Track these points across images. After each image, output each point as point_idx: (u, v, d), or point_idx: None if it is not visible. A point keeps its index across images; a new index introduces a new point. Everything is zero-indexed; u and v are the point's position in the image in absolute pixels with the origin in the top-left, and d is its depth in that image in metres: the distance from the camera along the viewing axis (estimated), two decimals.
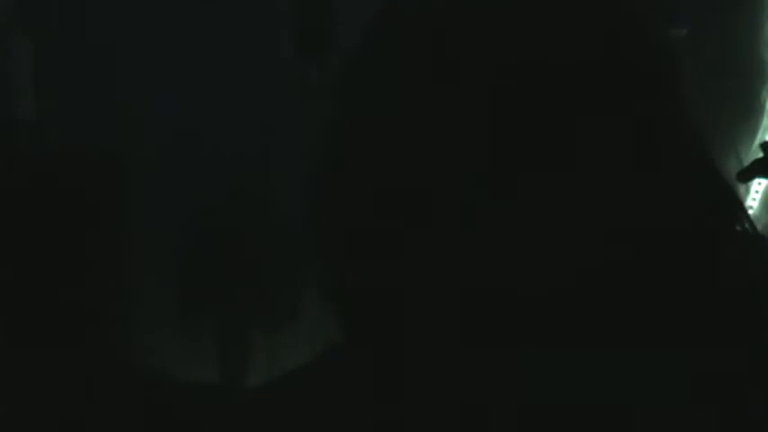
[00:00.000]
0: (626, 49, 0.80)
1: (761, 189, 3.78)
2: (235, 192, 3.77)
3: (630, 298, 0.78)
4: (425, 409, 0.76)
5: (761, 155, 2.35)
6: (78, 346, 2.56)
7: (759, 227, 0.85)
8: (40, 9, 3.29)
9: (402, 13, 0.84)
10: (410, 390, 0.76)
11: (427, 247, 0.77)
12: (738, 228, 0.83)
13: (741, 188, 3.18)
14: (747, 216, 0.84)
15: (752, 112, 3.75)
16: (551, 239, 0.77)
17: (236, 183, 3.75)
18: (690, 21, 3.41)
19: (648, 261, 0.78)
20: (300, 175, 3.75)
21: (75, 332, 2.67)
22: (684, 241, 0.79)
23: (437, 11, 0.81)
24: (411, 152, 0.78)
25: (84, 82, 3.43)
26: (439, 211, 0.77)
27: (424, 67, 0.80)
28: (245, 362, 3.78)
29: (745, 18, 3.72)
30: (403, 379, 0.77)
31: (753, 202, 3.78)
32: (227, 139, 3.71)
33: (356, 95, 0.84)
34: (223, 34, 3.58)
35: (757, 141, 3.69)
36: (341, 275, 0.83)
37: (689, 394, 0.77)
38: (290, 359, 3.50)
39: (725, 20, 3.66)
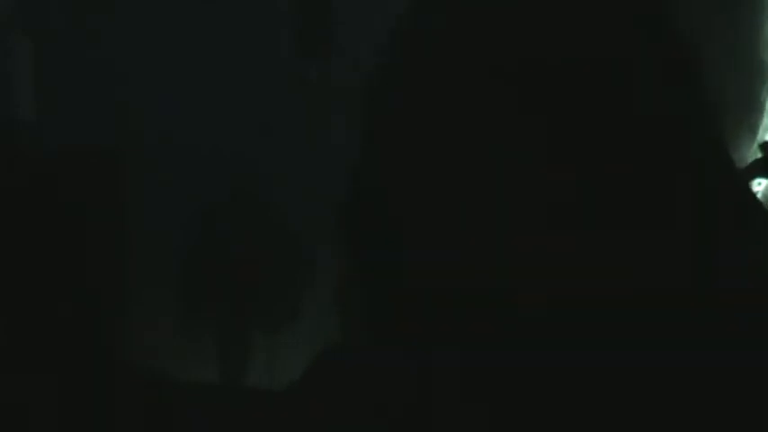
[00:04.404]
0: (649, 43, 0.80)
1: (761, 189, 3.78)
2: (235, 192, 3.77)
3: (647, 300, 0.78)
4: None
5: (761, 155, 2.35)
6: (78, 345, 2.56)
7: None
8: (40, 9, 3.29)
9: (435, 17, 0.84)
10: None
11: (464, 247, 0.78)
12: (749, 227, 0.83)
13: None
14: (763, 213, 0.83)
15: (752, 112, 3.75)
16: (579, 238, 0.77)
17: (236, 183, 3.76)
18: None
19: (664, 263, 0.78)
20: (300, 176, 3.76)
21: (75, 332, 2.67)
22: (701, 243, 0.79)
23: (463, 17, 0.81)
24: (450, 153, 0.79)
25: (84, 82, 3.44)
26: (472, 209, 0.78)
27: (458, 71, 0.80)
28: (245, 362, 3.79)
29: (745, 18, 3.72)
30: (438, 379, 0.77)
31: None
32: (228, 139, 3.71)
33: (393, 99, 0.84)
34: (223, 35, 3.59)
35: (757, 141, 3.69)
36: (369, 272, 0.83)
37: (708, 400, 0.77)
38: (290, 359, 3.50)
39: (725, 20, 3.67)
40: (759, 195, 3.81)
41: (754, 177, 2.56)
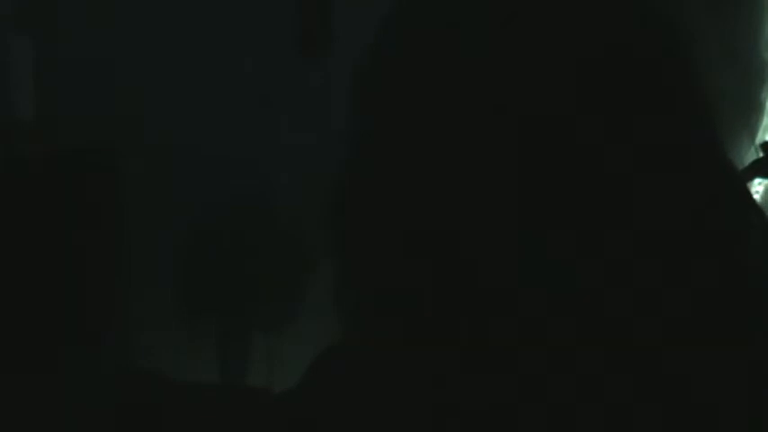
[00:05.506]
0: (639, 41, 0.80)
1: (761, 189, 3.77)
2: (235, 192, 3.77)
3: (646, 297, 0.78)
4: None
5: (761, 155, 2.35)
6: (78, 345, 2.56)
7: None
8: (40, 9, 3.29)
9: (423, 19, 0.83)
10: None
11: (456, 250, 0.77)
12: (748, 227, 0.83)
13: None
14: (760, 213, 0.83)
15: (751, 112, 3.75)
16: (576, 232, 0.77)
17: (237, 183, 3.75)
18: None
19: (664, 259, 0.78)
20: (301, 176, 3.75)
21: (75, 332, 2.66)
22: (697, 241, 0.79)
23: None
24: (445, 161, 0.78)
25: (84, 82, 3.43)
26: (466, 215, 0.77)
27: (451, 70, 0.80)
28: (245, 362, 3.79)
29: (745, 18, 3.71)
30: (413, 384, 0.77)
31: None
32: (228, 139, 3.71)
33: (388, 100, 0.84)
34: (224, 35, 3.59)
35: (757, 141, 3.68)
36: (361, 275, 0.82)
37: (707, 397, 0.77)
38: (290, 359, 3.50)
39: (725, 20, 3.66)
40: (759, 195, 3.80)
41: (753, 177, 2.55)
